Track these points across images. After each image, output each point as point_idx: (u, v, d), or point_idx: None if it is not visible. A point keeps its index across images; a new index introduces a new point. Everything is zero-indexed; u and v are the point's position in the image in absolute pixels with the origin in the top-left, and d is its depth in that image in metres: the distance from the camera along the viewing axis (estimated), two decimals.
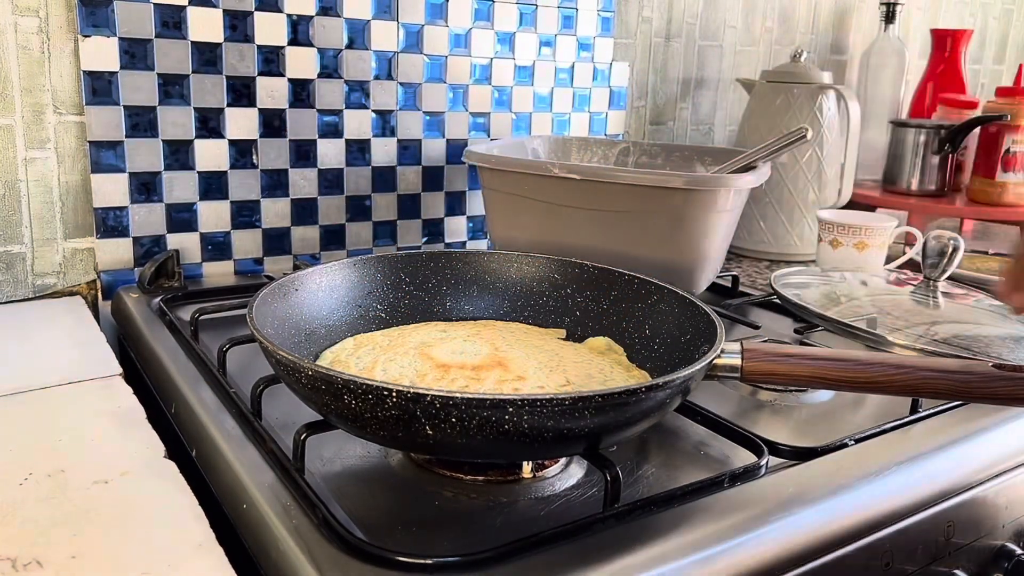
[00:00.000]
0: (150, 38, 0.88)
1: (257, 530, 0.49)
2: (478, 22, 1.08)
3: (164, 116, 0.90)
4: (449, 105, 1.08)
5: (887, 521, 0.55)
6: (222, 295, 0.88)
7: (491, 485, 0.54)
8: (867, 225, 1.02)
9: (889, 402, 0.70)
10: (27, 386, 0.66)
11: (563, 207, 0.88)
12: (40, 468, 0.54)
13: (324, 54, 0.98)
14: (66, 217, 0.89)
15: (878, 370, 0.52)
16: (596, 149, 1.12)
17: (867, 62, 1.54)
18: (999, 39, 1.93)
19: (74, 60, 0.86)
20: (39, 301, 0.88)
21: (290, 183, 1.00)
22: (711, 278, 0.95)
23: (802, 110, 1.19)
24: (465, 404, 0.44)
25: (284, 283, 0.63)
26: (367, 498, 0.52)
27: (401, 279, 0.72)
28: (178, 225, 0.94)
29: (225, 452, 0.56)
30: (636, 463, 0.58)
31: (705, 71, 1.39)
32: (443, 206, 1.12)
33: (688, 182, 0.82)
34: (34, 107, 0.85)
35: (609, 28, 1.20)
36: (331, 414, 0.49)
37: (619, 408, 0.47)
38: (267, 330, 0.52)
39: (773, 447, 0.58)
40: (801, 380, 0.54)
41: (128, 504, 0.50)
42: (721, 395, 0.71)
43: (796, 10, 1.48)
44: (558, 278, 0.73)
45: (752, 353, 0.54)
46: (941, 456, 0.61)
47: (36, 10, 0.83)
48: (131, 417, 0.62)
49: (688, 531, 0.48)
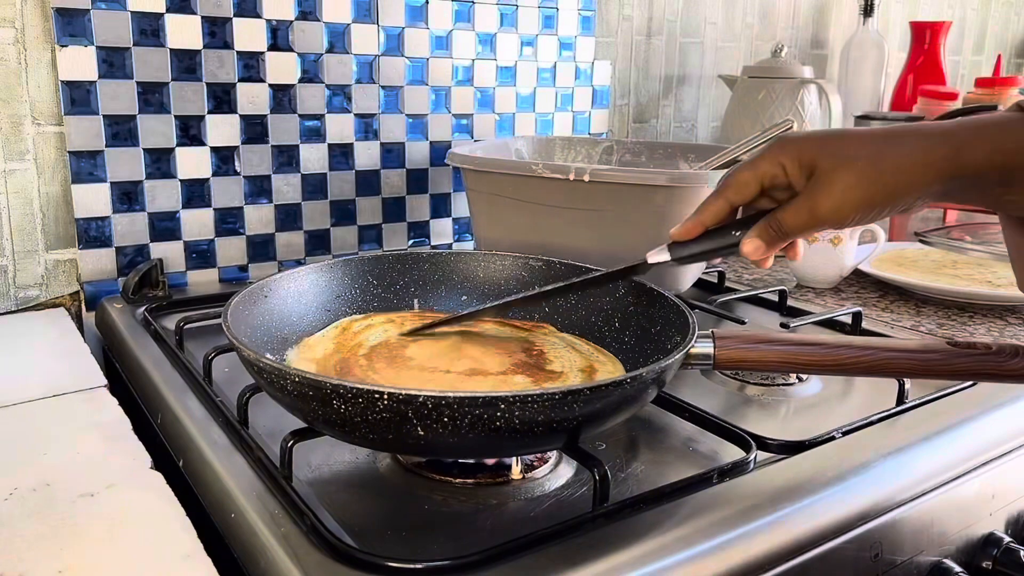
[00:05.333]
0: (128, 46, 0.87)
1: (246, 539, 0.48)
2: (459, 23, 1.08)
3: (144, 125, 0.90)
4: (432, 107, 1.08)
5: (875, 513, 0.55)
6: (207, 303, 0.88)
7: (480, 488, 0.54)
8: None
9: (875, 394, 0.70)
10: (11, 400, 0.65)
11: (548, 207, 0.88)
12: (25, 482, 0.53)
13: (304, 59, 0.98)
14: (47, 228, 0.88)
15: (844, 352, 0.54)
16: (580, 148, 1.12)
17: (847, 56, 1.55)
18: (978, 30, 1.95)
19: (52, 70, 0.85)
20: (22, 314, 0.87)
21: (273, 189, 0.99)
22: (697, 274, 0.95)
23: (784, 105, 1.20)
24: (457, 403, 0.44)
25: (253, 290, 0.63)
26: (356, 504, 0.52)
27: (369, 281, 0.72)
28: (161, 234, 0.93)
29: (212, 461, 0.56)
30: (625, 461, 0.58)
31: (687, 68, 1.39)
32: (428, 208, 1.11)
33: (671, 179, 0.83)
34: (12, 118, 0.84)
35: (590, 27, 1.21)
36: (318, 420, 0.49)
37: (604, 400, 0.47)
38: (241, 338, 0.52)
39: (761, 442, 0.58)
40: (772, 366, 0.55)
41: (115, 516, 0.50)
42: (709, 391, 0.71)
43: (776, 5, 1.49)
44: (525, 275, 0.73)
45: (724, 341, 0.55)
46: (927, 446, 0.61)
47: (12, 21, 0.83)
48: (117, 429, 0.61)
49: (677, 528, 0.48)
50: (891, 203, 0.50)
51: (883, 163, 0.49)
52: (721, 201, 0.55)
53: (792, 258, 0.56)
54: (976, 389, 0.70)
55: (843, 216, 0.50)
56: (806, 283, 1.08)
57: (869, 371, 0.54)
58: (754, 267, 1.17)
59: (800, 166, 0.51)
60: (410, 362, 0.60)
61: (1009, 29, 2.03)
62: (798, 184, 0.52)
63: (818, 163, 0.50)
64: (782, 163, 0.51)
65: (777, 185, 0.53)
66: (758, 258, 0.54)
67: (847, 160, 0.49)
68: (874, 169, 0.49)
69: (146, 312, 0.83)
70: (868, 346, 0.54)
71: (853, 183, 0.49)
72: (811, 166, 0.51)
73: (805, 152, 0.51)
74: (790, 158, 0.51)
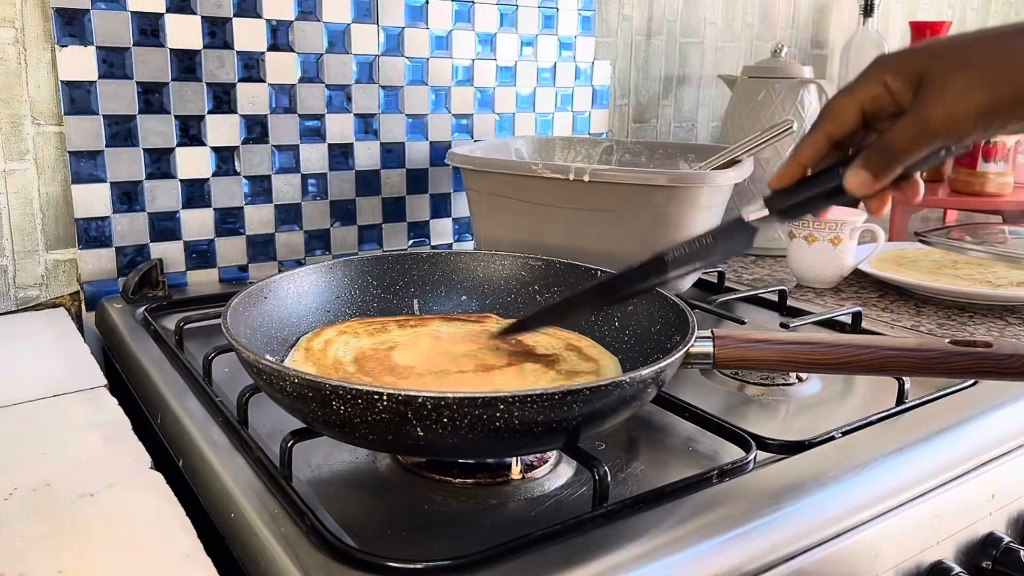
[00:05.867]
0: (128, 47, 0.87)
1: (245, 539, 0.48)
2: (459, 23, 1.08)
3: (144, 125, 0.90)
4: (431, 107, 1.08)
5: (875, 513, 0.55)
6: (207, 303, 0.88)
7: (480, 488, 0.54)
8: (843, 220, 1.03)
9: (875, 393, 0.70)
10: (11, 400, 0.65)
11: (547, 207, 0.88)
12: (25, 482, 0.53)
13: (305, 59, 0.98)
14: (47, 228, 0.88)
15: (843, 350, 0.54)
16: (580, 148, 1.12)
17: (847, 56, 1.55)
18: None
19: (52, 70, 0.85)
20: (22, 314, 0.87)
21: (273, 189, 0.99)
22: (697, 274, 0.95)
23: (784, 105, 1.20)
24: (457, 404, 0.44)
25: (253, 291, 0.63)
26: (356, 504, 0.52)
27: (368, 282, 0.72)
28: (161, 234, 0.93)
29: (212, 461, 0.56)
30: (625, 461, 0.58)
31: (687, 68, 1.39)
32: (428, 208, 1.11)
33: (671, 179, 0.83)
34: (12, 119, 0.84)
35: (590, 27, 1.21)
36: (317, 421, 0.49)
37: (604, 399, 0.47)
38: (241, 339, 0.52)
39: (761, 442, 0.58)
40: (772, 365, 0.55)
41: (114, 516, 0.50)
42: (709, 391, 0.71)
43: (776, 5, 1.49)
44: (525, 275, 0.73)
45: (724, 340, 0.55)
46: (927, 446, 0.61)
47: (12, 21, 0.83)
48: (116, 429, 0.61)
49: (677, 527, 0.48)
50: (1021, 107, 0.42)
51: (1008, 57, 0.42)
52: (819, 136, 0.47)
53: (912, 199, 0.48)
54: (976, 389, 0.70)
55: (961, 126, 0.43)
56: (806, 283, 1.08)
57: (869, 369, 0.54)
58: (754, 266, 1.17)
59: (906, 80, 0.44)
60: (413, 369, 0.59)
61: None
62: (905, 101, 0.44)
63: (928, 70, 0.43)
64: (884, 80, 0.45)
65: (883, 109, 0.46)
66: (865, 192, 0.46)
67: (963, 59, 0.42)
68: (997, 65, 0.41)
69: (146, 312, 0.83)
70: (868, 344, 0.54)
71: (973, 83, 0.42)
72: (919, 75, 0.43)
73: (910, 62, 0.44)
74: (893, 73, 0.44)
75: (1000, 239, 1.21)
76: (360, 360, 0.61)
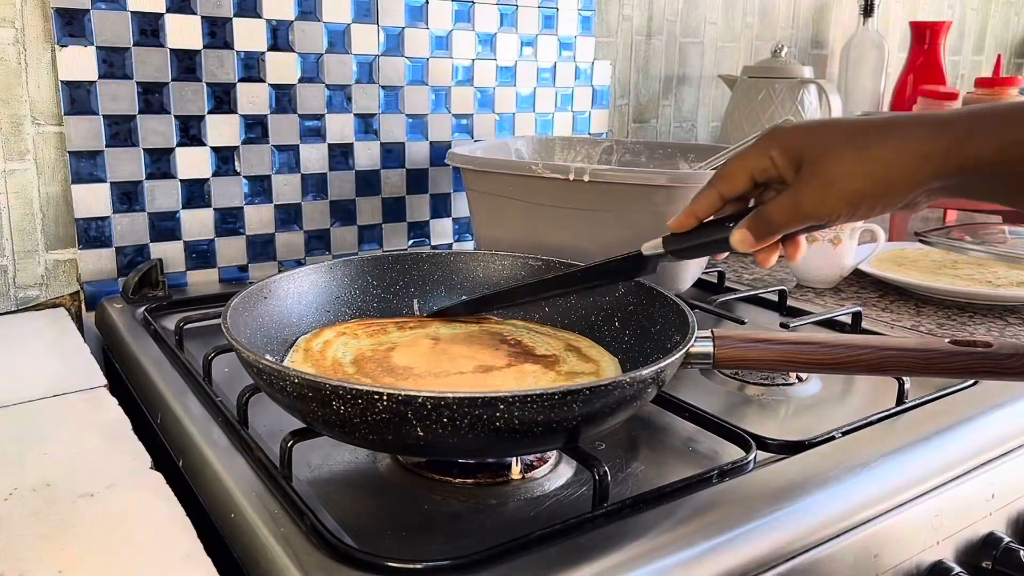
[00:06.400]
0: (128, 47, 0.87)
1: (245, 539, 0.48)
2: (459, 23, 1.08)
3: (144, 125, 0.90)
4: (431, 107, 1.08)
5: (876, 513, 0.55)
6: (207, 303, 0.88)
7: (480, 488, 0.54)
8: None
9: (875, 394, 0.70)
10: (11, 400, 0.65)
11: (547, 207, 0.88)
12: (25, 482, 0.53)
13: (305, 59, 0.98)
14: (47, 228, 0.88)
15: (843, 350, 0.54)
16: (580, 148, 1.12)
17: (847, 56, 1.55)
18: (978, 30, 1.95)
19: (52, 70, 0.85)
20: (22, 314, 0.87)
21: (273, 189, 0.99)
22: (697, 274, 0.95)
23: (784, 104, 1.20)
24: (457, 404, 0.44)
25: (253, 291, 0.63)
26: (356, 504, 0.52)
27: (368, 282, 0.72)
28: (161, 234, 0.93)
29: (212, 461, 0.56)
30: (625, 461, 0.58)
31: (687, 68, 1.39)
32: (428, 208, 1.11)
33: (671, 179, 0.83)
34: (12, 118, 0.84)
35: (590, 27, 1.21)
36: (317, 421, 0.49)
37: (604, 399, 0.47)
38: (241, 339, 0.52)
39: (761, 442, 0.58)
40: (772, 364, 0.55)
41: (114, 516, 0.50)
42: (709, 391, 0.71)
43: (776, 5, 1.49)
44: (525, 275, 0.73)
45: (724, 340, 0.55)
46: (927, 446, 0.61)
47: (12, 20, 0.83)
48: (116, 429, 0.61)
49: (677, 528, 0.48)
50: (884, 198, 0.46)
51: (872, 154, 0.45)
52: (713, 193, 0.53)
53: (791, 258, 0.54)
54: (976, 389, 0.70)
55: (829, 211, 0.47)
56: (806, 283, 1.08)
57: (869, 369, 0.54)
58: (755, 266, 1.17)
59: (788, 158, 0.48)
60: (412, 370, 0.59)
61: (1009, 29, 2.03)
62: (788, 176, 0.49)
63: (804, 154, 0.48)
64: (770, 155, 0.49)
65: (770, 178, 0.50)
66: (746, 250, 0.51)
67: (833, 151, 0.46)
68: (862, 161, 0.45)
69: (146, 312, 0.83)
70: (868, 344, 0.54)
71: (839, 176, 0.46)
72: (798, 157, 0.48)
73: (792, 142, 0.48)
74: (778, 149, 0.49)
75: (1000, 239, 1.21)
76: (359, 361, 0.61)
